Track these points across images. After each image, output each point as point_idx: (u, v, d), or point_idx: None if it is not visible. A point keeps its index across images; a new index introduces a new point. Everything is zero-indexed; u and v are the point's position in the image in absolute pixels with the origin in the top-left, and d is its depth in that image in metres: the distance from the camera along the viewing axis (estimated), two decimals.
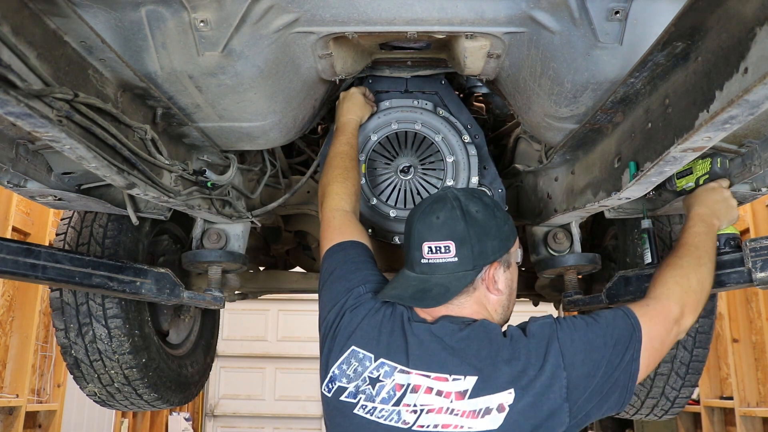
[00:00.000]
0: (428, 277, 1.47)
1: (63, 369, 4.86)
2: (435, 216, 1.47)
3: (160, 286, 2.15)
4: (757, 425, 4.76)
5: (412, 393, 1.37)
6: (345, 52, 1.80)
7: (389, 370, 1.40)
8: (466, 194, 1.52)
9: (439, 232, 1.46)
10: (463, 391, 1.35)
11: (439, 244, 1.45)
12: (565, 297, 2.34)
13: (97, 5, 1.39)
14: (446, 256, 1.45)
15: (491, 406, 1.33)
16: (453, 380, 1.36)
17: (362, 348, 1.46)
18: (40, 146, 1.75)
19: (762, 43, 0.98)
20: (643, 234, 2.03)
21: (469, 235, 1.45)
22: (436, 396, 1.35)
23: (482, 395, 1.34)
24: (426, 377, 1.37)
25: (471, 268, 1.46)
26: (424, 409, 1.35)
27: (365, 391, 1.40)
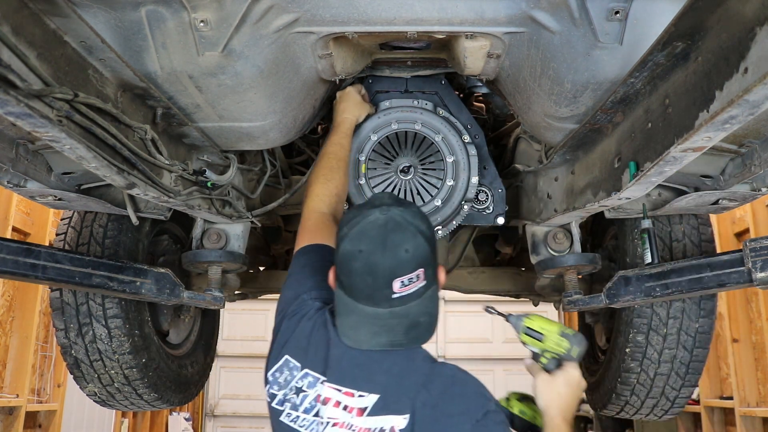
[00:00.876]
0: (405, 310, 1.37)
1: (63, 369, 4.86)
2: (403, 249, 1.35)
3: (160, 286, 2.15)
4: (757, 425, 4.76)
5: (324, 405, 1.37)
6: (345, 52, 1.80)
7: (312, 380, 1.41)
8: (411, 213, 1.41)
9: (411, 264, 1.35)
10: (363, 408, 1.34)
11: (410, 275, 1.35)
12: (565, 297, 2.34)
13: (97, 5, 1.39)
14: (417, 283, 1.37)
15: (385, 427, 1.32)
16: (358, 396, 1.36)
17: (293, 357, 1.45)
18: (40, 146, 1.75)
19: (762, 43, 0.98)
20: (643, 234, 2.02)
21: (432, 256, 1.40)
22: (342, 410, 1.36)
23: (380, 414, 1.33)
24: (337, 391, 1.38)
25: (433, 282, 1.42)
26: (330, 422, 1.36)
27: (291, 400, 1.41)
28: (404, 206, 1.42)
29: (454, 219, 2.21)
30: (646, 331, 2.37)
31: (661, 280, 2.09)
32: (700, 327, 2.36)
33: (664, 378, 2.43)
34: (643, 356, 2.40)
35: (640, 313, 2.36)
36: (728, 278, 1.99)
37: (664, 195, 2.00)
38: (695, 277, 2.04)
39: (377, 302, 1.37)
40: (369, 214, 1.38)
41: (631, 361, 2.42)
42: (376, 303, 1.37)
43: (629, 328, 2.39)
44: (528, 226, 2.42)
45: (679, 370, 2.41)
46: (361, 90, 2.16)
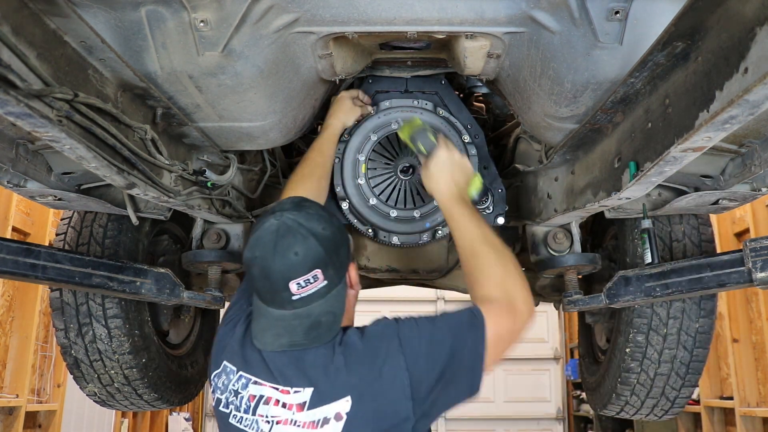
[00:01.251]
0: (307, 310, 1.43)
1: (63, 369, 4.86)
2: (292, 252, 1.40)
3: (160, 286, 2.15)
4: (757, 425, 4.76)
5: (264, 404, 1.42)
6: (345, 52, 1.80)
7: (245, 382, 1.46)
8: (304, 216, 1.46)
9: (303, 267, 1.41)
10: (302, 403, 1.39)
11: (307, 277, 1.41)
12: (565, 297, 2.34)
13: (97, 5, 1.39)
14: (316, 284, 1.42)
15: (329, 416, 1.36)
16: (294, 392, 1.40)
17: (230, 362, 1.51)
18: (40, 146, 1.75)
19: (762, 43, 0.98)
20: (643, 234, 2.02)
21: (330, 256, 1.44)
22: (282, 408, 1.40)
23: (319, 405, 1.37)
24: (275, 389, 1.42)
25: (338, 282, 1.47)
26: (274, 420, 1.40)
27: (233, 402, 1.47)
28: (300, 210, 1.47)
29: None
30: (646, 331, 2.37)
31: (661, 280, 2.09)
32: (700, 327, 2.36)
33: (664, 378, 2.43)
34: (643, 356, 2.40)
35: (640, 313, 2.36)
36: (728, 278, 1.99)
37: (664, 195, 2.00)
38: (695, 277, 2.04)
39: (281, 304, 1.44)
40: (265, 221, 1.46)
41: (631, 361, 2.42)
42: (280, 305, 1.44)
43: (629, 328, 2.39)
44: (528, 226, 2.42)
45: (679, 370, 2.41)
46: (356, 95, 2.15)
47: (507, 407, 8.96)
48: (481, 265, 1.64)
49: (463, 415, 8.85)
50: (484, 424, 8.93)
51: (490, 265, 1.63)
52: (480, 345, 1.45)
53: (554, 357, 9.14)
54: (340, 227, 1.52)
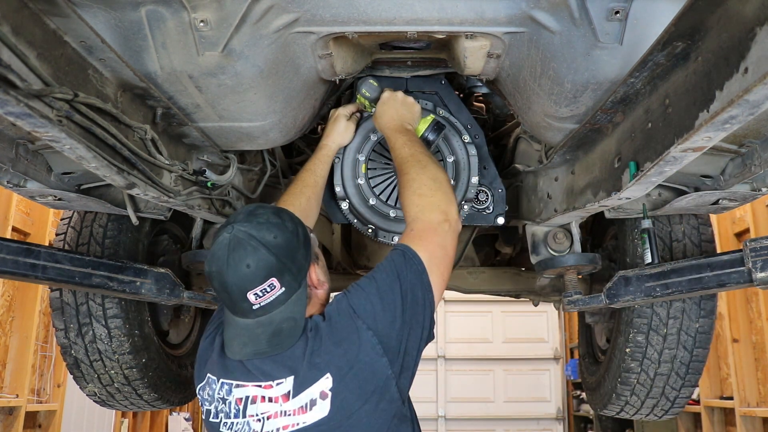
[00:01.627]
0: (269, 318, 1.47)
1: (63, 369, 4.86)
2: (244, 265, 1.43)
3: (160, 286, 2.15)
4: (757, 425, 4.76)
5: (252, 404, 1.46)
6: (345, 52, 1.80)
7: (228, 388, 1.50)
8: (254, 226, 1.47)
9: (257, 277, 1.43)
10: (287, 393, 1.43)
11: (262, 287, 1.44)
12: (565, 297, 2.34)
13: (97, 5, 1.39)
14: (274, 292, 1.45)
15: (314, 397, 1.40)
16: (277, 385, 1.44)
17: (210, 372, 1.56)
18: (40, 146, 1.75)
19: (762, 43, 0.98)
20: (643, 234, 2.03)
21: (283, 263, 1.46)
22: (270, 403, 1.44)
23: (303, 390, 1.41)
24: (258, 387, 1.46)
25: (298, 287, 1.49)
26: (265, 416, 1.44)
27: (222, 410, 1.51)
28: (251, 221, 1.48)
29: None
30: (646, 331, 2.36)
31: (661, 280, 2.09)
32: (700, 327, 2.36)
33: (664, 378, 2.43)
34: (643, 356, 2.40)
35: (640, 313, 2.36)
36: (728, 278, 1.99)
37: (664, 195, 2.00)
38: (695, 277, 2.04)
39: (244, 314, 1.48)
40: (219, 235, 1.49)
41: (632, 361, 2.42)
42: (244, 314, 1.48)
43: (629, 328, 2.39)
44: (528, 226, 2.42)
45: (679, 370, 2.41)
46: (352, 112, 2.14)
47: (507, 407, 8.96)
48: (404, 183, 1.71)
49: (463, 415, 8.86)
50: (484, 424, 8.93)
51: (410, 182, 1.69)
52: (423, 275, 1.51)
53: (554, 357, 9.14)
54: (294, 231, 1.51)
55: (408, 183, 1.70)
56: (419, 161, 1.74)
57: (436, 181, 1.69)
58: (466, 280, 2.99)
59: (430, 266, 1.53)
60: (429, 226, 1.60)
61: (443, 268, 1.57)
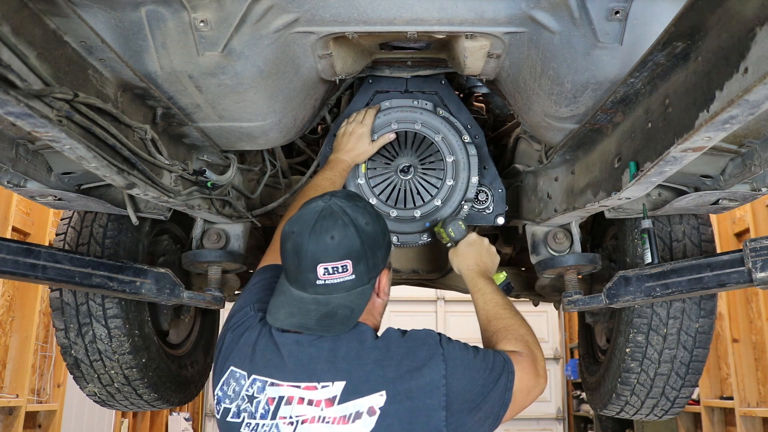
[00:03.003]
0: (327, 299, 1.41)
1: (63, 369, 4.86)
2: (329, 236, 1.39)
3: (160, 286, 2.15)
4: (757, 425, 4.76)
5: (286, 405, 1.36)
6: (345, 52, 1.80)
7: (261, 385, 1.40)
8: (351, 206, 1.44)
9: (336, 252, 1.39)
10: (332, 398, 1.33)
11: (336, 264, 1.39)
12: (565, 297, 2.34)
13: (97, 5, 1.39)
14: (344, 275, 1.40)
15: (361, 410, 1.30)
16: (322, 387, 1.35)
17: (238, 367, 1.45)
18: (40, 146, 1.75)
19: (762, 43, 0.98)
20: (643, 234, 2.02)
21: (365, 251, 1.41)
22: (308, 406, 1.34)
23: (351, 399, 1.32)
24: (296, 388, 1.36)
25: (367, 282, 1.44)
26: (299, 420, 1.33)
27: (246, 409, 1.40)
28: (350, 200, 1.45)
29: None
30: (646, 331, 2.36)
31: (661, 280, 2.09)
32: (700, 327, 2.36)
33: (664, 378, 2.43)
34: (643, 356, 2.39)
35: (640, 313, 2.36)
36: (728, 278, 1.99)
37: (664, 195, 2.00)
38: (695, 277, 2.04)
39: (304, 286, 1.42)
40: (313, 201, 1.45)
41: (632, 361, 2.42)
42: (303, 287, 1.42)
43: (629, 328, 2.39)
44: (528, 226, 2.42)
45: (679, 370, 2.41)
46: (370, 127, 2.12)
47: None
48: (506, 325, 1.66)
49: None
50: None
51: (514, 325, 1.65)
52: (509, 392, 1.43)
53: (554, 357, 9.14)
54: (384, 230, 1.49)
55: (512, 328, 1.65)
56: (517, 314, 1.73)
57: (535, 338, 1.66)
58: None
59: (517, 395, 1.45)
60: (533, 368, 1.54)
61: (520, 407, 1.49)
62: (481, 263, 1.94)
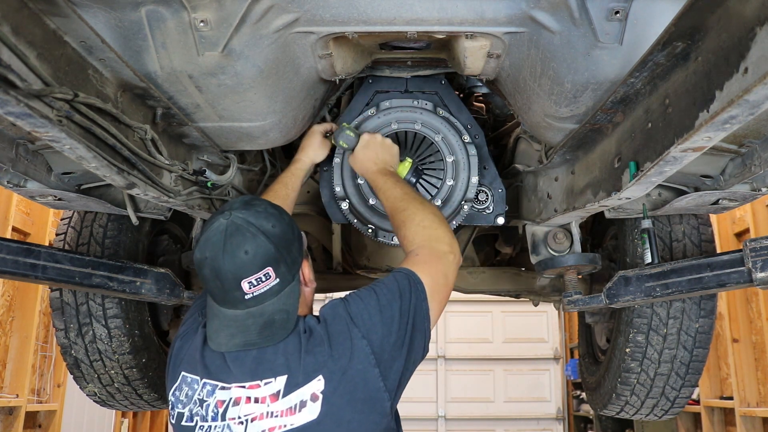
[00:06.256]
0: (260, 309, 1.43)
1: (63, 369, 4.86)
2: (242, 251, 1.40)
3: (160, 286, 2.15)
4: (757, 425, 4.76)
5: (234, 406, 1.39)
6: (345, 52, 1.80)
7: (210, 389, 1.43)
8: (253, 214, 1.45)
9: (254, 265, 1.41)
10: (276, 392, 1.37)
11: (258, 275, 1.41)
12: (565, 297, 2.34)
13: (97, 5, 1.39)
14: (269, 282, 1.42)
15: (305, 398, 1.35)
16: (265, 384, 1.39)
17: (189, 372, 1.49)
18: (40, 146, 1.75)
19: (762, 43, 0.98)
20: (643, 234, 2.02)
21: (281, 253, 1.43)
22: (255, 404, 1.38)
23: (294, 390, 1.36)
24: (242, 388, 1.40)
25: (291, 279, 1.47)
26: (249, 419, 1.37)
27: (198, 413, 1.43)
28: (249, 208, 1.46)
29: (454, 219, 2.21)
30: (646, 331, 2.37)
31: (661, 280, 2.09)
32: (700, 327, 2.36)
33: (664, 378, 2.43)
34: (643, 356, 2.40)
35: (640, 313, 2.36)
36: (728, 278, 1.99)
37: (664, 195, 2.00)
38: (695, 277, 2.04)
39: (234, 304, 1.44)
40: (214, 221, 1.46)
41: (632, 361, 2.42)
42: (233, 305, 1.44)
43: (629, 328, 2.39)
44: (528, 226, 2.42)
45: (679, 370, 2.41)
46: (327, 129, 2.14)
47: (507, 407, 8.96)
48: (404, 218, 1.71)
49: (463, 415, 8.85)
50: (484, 424, 8.93)
51: (412, 216, 1.70)
52: (424, 302, 1.50)
53: (554, 357, 9.14)
54: (290, 224, 1.51)
55: (410, 216, 1.71)
56: (415, 199, 1.77)
57: (438, 216, 1.71)
58: (466, 280, 2.99)
59: (432, 293, 1.52)
60: (436, 255, 1.60)
61: (443, 296, 1.57)
62: (380, 161, 1.95)
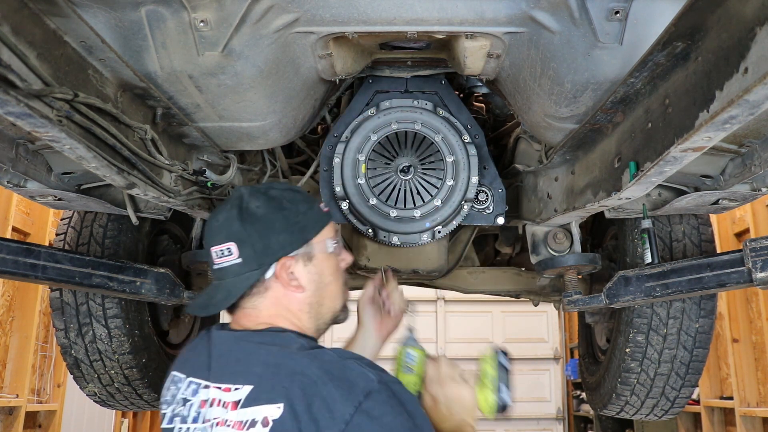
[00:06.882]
0: (219, 283, 1.38)
1: (63, 369, 4.86)
2: (215, 219, 1.38)
3: (160, 286, 2.15)
4: (757, 425, 4.76)
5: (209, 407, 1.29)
6: (345, 52, 1.80)
7: (195, 387, 1.34)
8: (252, 191, 1.40)
9: (220, 234, 1.36)
10: (237, 401, 1.25)
11: (221, 247, 1.35)
12: (565, 297, 2.34)
13: (97, 5, 1.39)
14: (230, 258, 1.35)
15: (257, 419, 1.21)
16: (234, 390, 1.27)
17: (178, 370, 1.42)
18: (40, 146, 1.75)
19: (762, 43, 0.98)
20: (643, 234, 2.02)
21: (247, 233, 1.35)
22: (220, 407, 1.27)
23: (252, 405, 1.22)
24: (218, 389, 1.29)
25: (256, 267, 1.35)
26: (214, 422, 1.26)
27: (180, 413, 1.34)
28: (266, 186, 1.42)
29: (454, 219, 2.21)
30: (646, 331, 2.37)
31: (661, 280, 2.09)
32: (700, 327, 2.36)
33: (664, 378, 2.43)
34: (643, 356, 2.40)
35: (640, 313, 2.36)
36: (728, 278, 1.99)
37: (664, 195, 2.00)
38: (695, 277, 2.04)
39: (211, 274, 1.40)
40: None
41: (631, 361, 2.42)
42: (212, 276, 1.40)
43: (629, 328, 2.39)
44: (528, 226, 2.42)
45: (679, 370, 2.41)
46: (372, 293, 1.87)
47: None
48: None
49: None
50: (484, 423, 8.91)
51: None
52: None
53: (554, 357, 9.15)
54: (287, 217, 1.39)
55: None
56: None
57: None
58: (466, 280, 2.99)
59: None
60: None
61: None
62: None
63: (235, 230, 1.35)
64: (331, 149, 2.21)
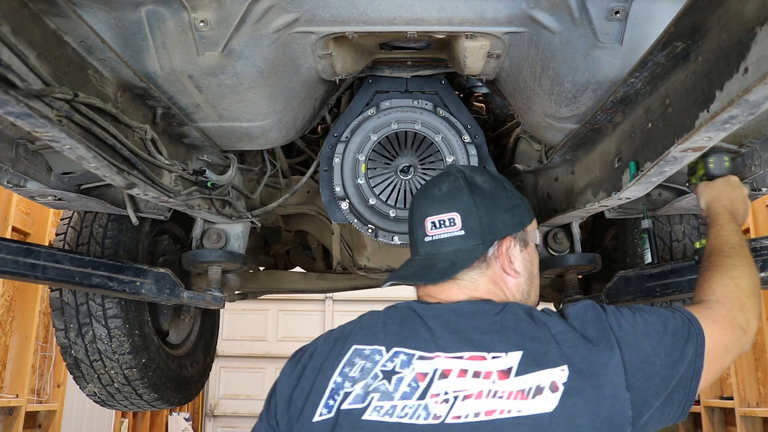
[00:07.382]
0: (433, 255, 1.30)
1: (63, 369, 4.86)
2: (437, 188, 1.32)
3: (160, 286, 2.15)
4: (757, 425, 4.76)
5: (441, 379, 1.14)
6: (345, 51, 1.80)
7: (406, 359, 1.17)
8: (472, 168, 1.37)
9: (442, 204, 1.30)
10: (506, 369, 1.12)
11: (442, 216, 1.29)
12: (565, 297, 2.34)
13: (97, 5, 1.39)
14: (452, 229, 1.29)
15: (542, 384, 1.10)
16: (493, 358, 1.14)
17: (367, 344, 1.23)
18: (40, 146, 1.75)
19: (762, 43, 0.98)
20: (643, 234, 2.03)
21: (476, 205, 1.29)
22: (474, 378, 1.12)
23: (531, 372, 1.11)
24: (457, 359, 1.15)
25: (480, 242, 1.28)
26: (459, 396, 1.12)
27: (379, 389, 1.15)
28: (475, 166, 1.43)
29: None
30: None
31: (661, 280, 2.09)
32: None
33: None
34: None
35: None
36: None
37: (664, 195, 2.00)
38: (695, 277, 2.04)
39: (416, 248, 1.33)
40: None
41: None
42: (416, 249, 1.34)
43: None
44: None
45: None
46: None
47: None
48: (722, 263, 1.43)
49: None
50: None
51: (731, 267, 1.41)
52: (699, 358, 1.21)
53: None
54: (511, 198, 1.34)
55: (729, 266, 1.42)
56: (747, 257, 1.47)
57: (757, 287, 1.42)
58: None
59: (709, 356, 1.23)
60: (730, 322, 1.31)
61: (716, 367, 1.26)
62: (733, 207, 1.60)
63: (463, 200, 1.30)
64: (331, 149, 2.21)
